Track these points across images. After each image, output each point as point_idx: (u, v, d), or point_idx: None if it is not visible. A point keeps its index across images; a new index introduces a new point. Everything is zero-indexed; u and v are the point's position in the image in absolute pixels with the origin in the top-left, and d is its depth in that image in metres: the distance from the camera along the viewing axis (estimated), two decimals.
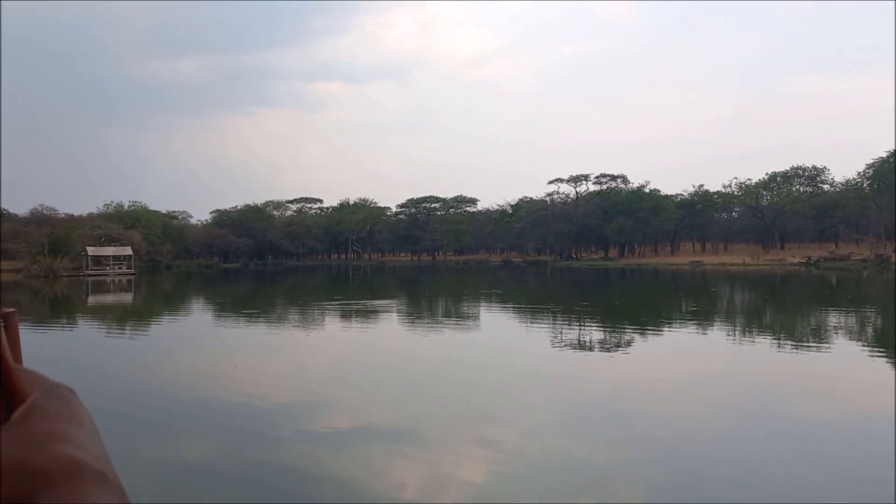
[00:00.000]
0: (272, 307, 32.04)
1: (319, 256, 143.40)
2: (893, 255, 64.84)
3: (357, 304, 30.38)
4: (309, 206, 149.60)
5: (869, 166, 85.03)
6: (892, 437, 8.20)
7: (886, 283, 42.76)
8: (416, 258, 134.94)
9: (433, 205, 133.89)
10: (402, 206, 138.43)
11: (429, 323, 23.05)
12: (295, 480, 6.83)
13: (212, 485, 6.82)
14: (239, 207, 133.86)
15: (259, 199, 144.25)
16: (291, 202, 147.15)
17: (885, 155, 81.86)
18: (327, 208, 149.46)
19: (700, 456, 7.53)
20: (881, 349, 16.06)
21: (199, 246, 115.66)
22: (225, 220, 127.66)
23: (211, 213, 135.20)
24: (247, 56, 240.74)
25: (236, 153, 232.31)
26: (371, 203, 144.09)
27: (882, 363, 13.99)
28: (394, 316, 25.40)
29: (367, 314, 25.50)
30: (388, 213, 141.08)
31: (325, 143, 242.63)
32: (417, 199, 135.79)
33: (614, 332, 19.67)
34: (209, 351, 16.82)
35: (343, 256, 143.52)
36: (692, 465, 7.23)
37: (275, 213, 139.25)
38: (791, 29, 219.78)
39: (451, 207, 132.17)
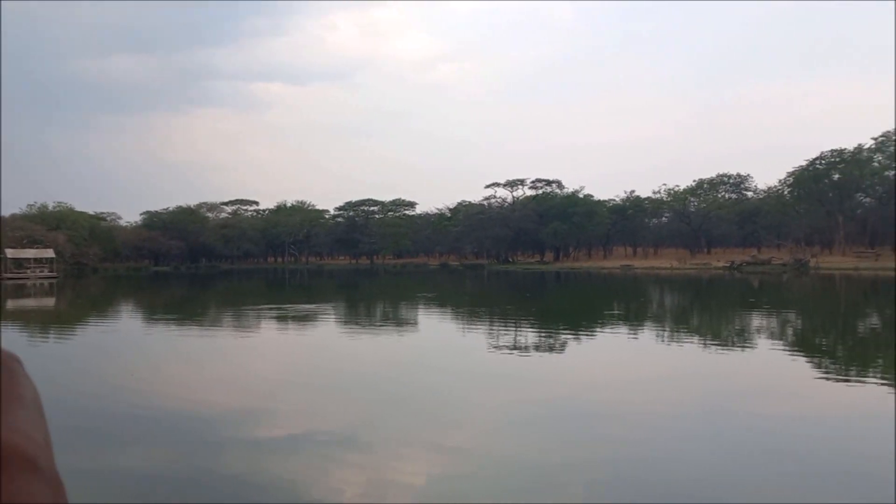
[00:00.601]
0: (206, 312, 31.41)
1: (255, 260, 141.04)
2: (811, 260, 67.93)
3: (295, 308, 30.08)
4: (244, 208, 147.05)
5: (790, 174, 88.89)
6: (826, 434, 8.72)
7: (804, 286, 44.85)
8: (354, 261, 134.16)
9: (371, 208, 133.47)
10: (340, 208, 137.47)
11: (368, 327, 23.05)
12: (235, 487, 6.81)
13: (151, 492, 6.73)
14: (171, 209, 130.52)
15: (195, 200, 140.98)
16: (226, 204, 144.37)
17: (804, 163, 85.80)
18: (264, 210, 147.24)
19: (644, 455, 7.79)
20: (800, 350, 16.93)
21: (128, 248, 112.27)
22: (156, 222, 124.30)
23: (141, 214, 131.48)
24: (184, 55, 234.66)
25: (172, 153, 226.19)
26: (309, 206, 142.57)
27: (802, 363, 14.75)
28: (333, 320, 25.28)
29: (306, 318, 25.30)
30: (326, 216, 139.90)
31: (265, 144, 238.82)
32: (356, 201, 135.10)
33: (552, 334, 20.07)
34: (141, 357, 16.41)
35: (280, 259, 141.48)
36: (637, 464, 7.47)
37: (209, 215, 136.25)
38: (723, 42, 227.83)
39: (390, 210, 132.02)
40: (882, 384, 12.04)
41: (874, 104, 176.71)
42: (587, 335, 19.95)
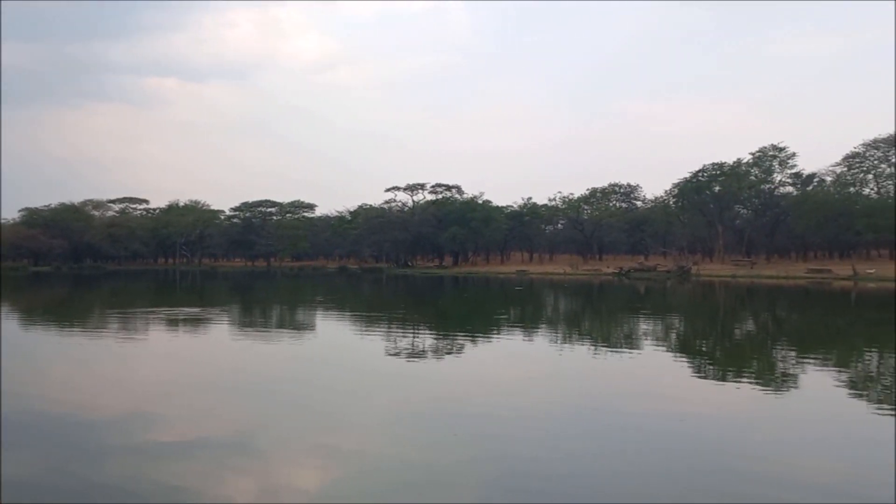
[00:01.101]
0: (88, 314, 29.81)
1: (145, 261, 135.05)
2: (693, 268, 71.82)
3: (186, 311, 29.02)
4: (133, 206, 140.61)
5: (675, 185, 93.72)
6: (711, 433, 9.27)
7: (686, 292, 47.38)
8: (250, 264, 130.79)
9: (269, 209, 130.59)
10: (235, 209, 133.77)
11: (262, 331, 22.57)
12: (114, 496, 6.56)
13: (30, 501, 6.41)
14: (53, 206, 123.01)
15: (81, 198, 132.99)
16: (114, 202, 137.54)
17: (688, 175, 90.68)
18: (154, 210, 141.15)
19: (533, 454, 8.05)
20: (682, 353, 17.93)
21: (5, 247, 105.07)
22: (36, 220, 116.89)
23: (20, 211, 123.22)
24: (77, 47, 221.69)
25: (60, 148, 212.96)
26: (203, 205, 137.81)
27: (684, 365, 15.62)
28: (226, 324, 24.59)
29: (197, 322, 24.48)
30: (221, 217, 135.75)
31: (158, 141, 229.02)
32: (252, 202, 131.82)
33: (448, 338, 20.33)
34: (16, 360, 15.39)
35: (171, 261, 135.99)
36: (526, 462, 7.71)
37: (94, 213, 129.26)
38: (613, 55, 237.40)
39: (288, 212, 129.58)
40: (754, 386, 12.93)
41: (752, 125, 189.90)
42: (483, 338, 20.32)
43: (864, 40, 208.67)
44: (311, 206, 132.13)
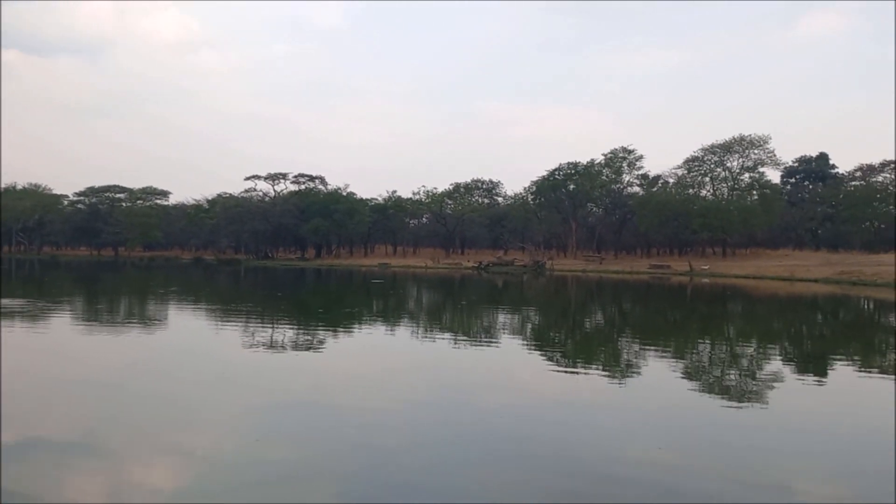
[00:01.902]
0: None
1: None
2: (548, 262, 75.09)
3: (21, 303, 26.80)
4: None
5: (533, 183, 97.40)
6: (556, 420, 9.80)
7: (541, 286, 49.51)
8: (96, 253, 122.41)
9: (118, 195, 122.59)
10: (80, 194, 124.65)
11: (108, 325, 21.30)
12: None
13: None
14: None
15: None
16: None
17: (545, 174, 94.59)
18: None
19: (392, 446, 8.22)
20: (536, 344, 18.82)
21: None
22: None
23: None
24: None
25: None
26: (43, 189, 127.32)
27: (538, 357, 16.41)
28: (68, 317, 22.98)
29: (34, 316, 22.71)
30: (65, 202, 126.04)
31: None
32: (99, 187, 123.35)
33: (307, 331, 20.13)
34: None
35: (7, 248, 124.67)
36: (384, 455, 7.86)
37: None
38: (477, 57, 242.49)
39: (139, 199, 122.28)
40: (603, 375, 13.84)
41: (605, 129, 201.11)
42: (343, 331, 20.31)
43: (707, 55, 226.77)
44: (164, 193, 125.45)
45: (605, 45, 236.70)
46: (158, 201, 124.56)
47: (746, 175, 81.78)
